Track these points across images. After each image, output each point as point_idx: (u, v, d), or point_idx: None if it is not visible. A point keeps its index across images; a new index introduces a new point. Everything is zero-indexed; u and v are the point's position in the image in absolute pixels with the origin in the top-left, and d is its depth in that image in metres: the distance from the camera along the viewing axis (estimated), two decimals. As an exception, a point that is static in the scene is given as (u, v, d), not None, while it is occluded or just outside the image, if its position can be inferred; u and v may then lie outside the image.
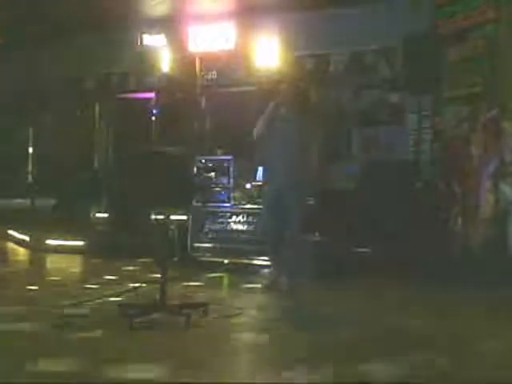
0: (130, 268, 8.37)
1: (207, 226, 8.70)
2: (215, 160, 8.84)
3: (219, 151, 9.13)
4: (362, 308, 6.04)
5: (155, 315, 5.23)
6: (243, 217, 8.55)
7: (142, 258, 8.68)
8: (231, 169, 8.66)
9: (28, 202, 11.48)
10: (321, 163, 7.17)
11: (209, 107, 10.72)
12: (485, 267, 6.93)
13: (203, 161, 8.77)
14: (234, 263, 8.36)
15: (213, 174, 8.71)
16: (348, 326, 5.29)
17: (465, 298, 6.38)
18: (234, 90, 10.37)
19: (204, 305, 5.61)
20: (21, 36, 11.42)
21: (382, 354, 4.42)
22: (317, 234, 7.98)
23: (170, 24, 10.38)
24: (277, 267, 7.05)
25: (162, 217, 5.57)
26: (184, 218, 8.63)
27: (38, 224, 10.66)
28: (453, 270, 7.10)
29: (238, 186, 8.71)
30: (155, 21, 10.50)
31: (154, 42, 10.36)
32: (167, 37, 10.32)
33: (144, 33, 10.35)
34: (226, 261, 8.46)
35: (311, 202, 7.91)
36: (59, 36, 11.30)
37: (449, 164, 8.49)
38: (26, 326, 5.11)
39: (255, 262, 8.24)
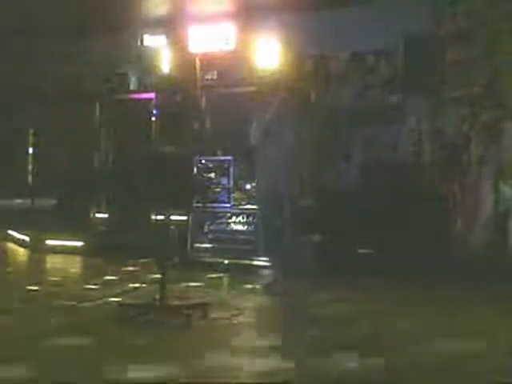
0: (130, 268, 8.37)
1: (207, 227, 8.70)
2: (215, 160, 8.85)
3: (219, 152, 9.13)
4: (361, 308, 6.04)
5: (155, 315, 5.23)
6: (243, 217, 8.54)
7: (142, 258, 8.67)
8: (231, 169, 8.67)
9: (28, 201, 11.48)
10: (320, 164, 7.17)
11: (209, 107, 10.70)
12: (485, 267, 6.93)
13: (203, 161, 8.78)
14: (234, 263, 8.36)
15: (213, 174, 8.72)
16: (348, 326, 5.29)
17: (465, 298, 6.38)
18: (234, 90, 10.34)
19: (204, 305, 5.61)
20: (20, 36, 11.41)
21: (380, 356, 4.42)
22: (318, 235, 7.98)
23: (170, 24, 10.37)
24: (276, 267, 7.05)
25: (162, 217, 5.57)
26: (184, 218, 8.63)
27: (37, 224, 10.65)
28: (453, 270, 7.10)
29: (238, 187, 8.71)
30: (155, 21, 10.50)
31: (154, 42, 10.35)
32: (167, 37, 10.31)
33: (144, 33, 10.34)
34: (226, 261, 8.46)
35: (311, 203, 7.91)
36: (59, 36, 11.29)
37: (449, 164, 8.48)
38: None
39: (255, 262, 8.24)
